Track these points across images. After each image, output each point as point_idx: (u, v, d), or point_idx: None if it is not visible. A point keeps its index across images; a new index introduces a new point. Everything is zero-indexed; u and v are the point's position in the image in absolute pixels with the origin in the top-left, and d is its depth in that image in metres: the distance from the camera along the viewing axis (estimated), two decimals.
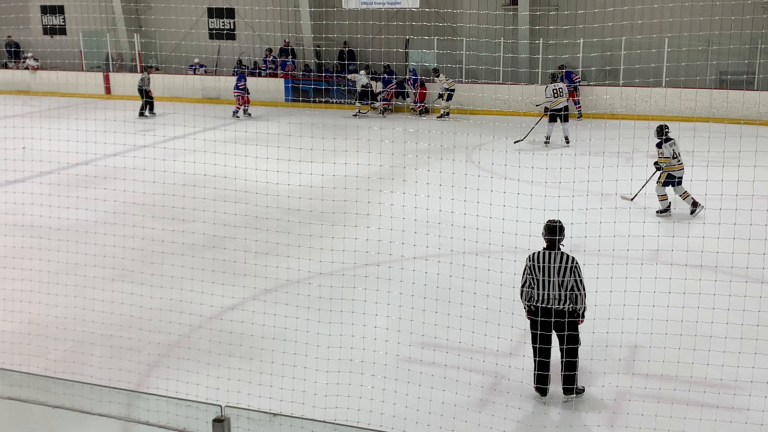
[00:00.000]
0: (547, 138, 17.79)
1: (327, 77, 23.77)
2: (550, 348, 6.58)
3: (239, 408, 3.84)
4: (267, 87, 24.39)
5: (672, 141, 12.02)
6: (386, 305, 8.16)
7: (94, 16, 27.21)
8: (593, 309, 6.87)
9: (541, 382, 6.69)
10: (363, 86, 22.02)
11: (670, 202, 12.07)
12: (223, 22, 26.48)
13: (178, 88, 23.76)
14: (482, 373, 7.10)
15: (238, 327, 8.05)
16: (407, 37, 22.92)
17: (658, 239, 7.97)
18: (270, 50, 25.09)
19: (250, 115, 22.15)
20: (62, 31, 28.74)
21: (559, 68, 21.01)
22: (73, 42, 27.59)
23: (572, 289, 6.49)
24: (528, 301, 6.58)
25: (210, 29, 26.64)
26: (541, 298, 6.49)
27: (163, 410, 4.01)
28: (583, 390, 6.79)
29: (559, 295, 6.47)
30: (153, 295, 8.40)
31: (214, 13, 26.43)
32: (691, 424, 6.20)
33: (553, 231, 6.60)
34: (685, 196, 11.93)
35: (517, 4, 22.32)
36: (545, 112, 17.83)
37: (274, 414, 3.94)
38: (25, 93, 26.41)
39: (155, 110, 22.47)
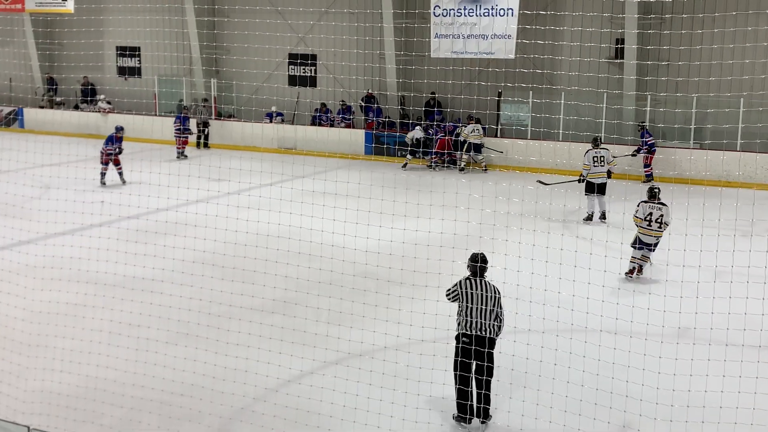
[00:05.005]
0: (589, 215, 15.90)
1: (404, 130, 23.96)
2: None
3: None
4: (339, 137, 24.73)
5: (652, 204, 12.03)
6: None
7: (171, 56, 27.99)
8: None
9: (469, 412, 7.17)
10: (415, 140, 22.94)
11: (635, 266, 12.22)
12: (304, 69, 26.99)
13: (251, 137, 24.28)
14: None
15: (303, 403, 7.98)
16: (500, 88, 22.55)
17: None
18: (343, 101, 25.67)
19: (186, 156, 24.22)
20: (137, 72, 29.85)
21: (640, 124, 21.02)
22: (148, 83, 28.65)
23: (496, 318, 7.20)
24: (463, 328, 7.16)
25: (290, 74, 27.26)
26: (475, 326, 7.08)
27: None
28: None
29: (491, 324, 7.16)
30: (213, 362, 8.49)
31: (294, 58, 26.96)
32: None
33: (476, 258, 7.39)
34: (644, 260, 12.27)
35: (623, 57, 22.15)
36: (579, 180, 16.01)
37: None
38: (95, 137, 27.34)
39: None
